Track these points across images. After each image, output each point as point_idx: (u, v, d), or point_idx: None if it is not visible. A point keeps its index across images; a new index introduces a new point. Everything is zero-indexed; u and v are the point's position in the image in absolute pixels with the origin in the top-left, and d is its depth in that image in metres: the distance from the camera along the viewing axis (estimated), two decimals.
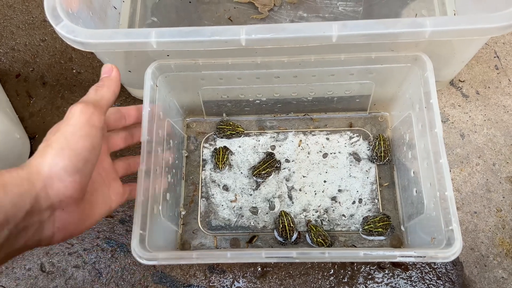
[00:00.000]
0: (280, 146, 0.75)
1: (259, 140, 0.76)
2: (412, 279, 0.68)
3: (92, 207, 0.45)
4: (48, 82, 0.82)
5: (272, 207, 0.72)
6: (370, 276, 0.68)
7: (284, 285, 0.68)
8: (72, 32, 0.54)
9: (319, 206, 0.71)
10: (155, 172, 0.58)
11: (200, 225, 0.71)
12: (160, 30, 0.53)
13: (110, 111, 0.52)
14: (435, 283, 0.67)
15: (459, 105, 0.78)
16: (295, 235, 0.68)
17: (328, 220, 0.70)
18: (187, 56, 0.60)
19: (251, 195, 0.72)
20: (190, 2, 0.81)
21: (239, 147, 0.75)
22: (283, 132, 0.76)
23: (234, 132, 0.74)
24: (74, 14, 0.59)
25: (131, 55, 0.62)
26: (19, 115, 0.80)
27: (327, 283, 0.68)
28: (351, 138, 0.75)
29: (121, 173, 0.55)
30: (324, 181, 0.73)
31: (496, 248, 0.70)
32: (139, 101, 0.77)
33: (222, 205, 0.72)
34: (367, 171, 0.73)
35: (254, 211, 0.71)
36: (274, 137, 0.76)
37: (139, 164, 0.55)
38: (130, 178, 0.75)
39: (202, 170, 0.74)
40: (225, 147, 0.74)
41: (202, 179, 0.74)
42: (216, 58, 0.60)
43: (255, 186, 0.73)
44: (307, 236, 0.69)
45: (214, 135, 0.76)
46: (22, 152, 0.74)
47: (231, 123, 0.75)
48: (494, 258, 0.69)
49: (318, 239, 0.67)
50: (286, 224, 0.67)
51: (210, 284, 0.69)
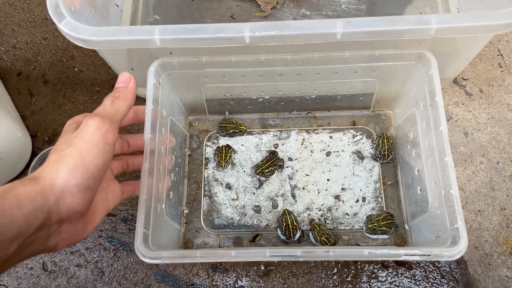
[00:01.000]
0: (283, 145, 0.75)
1: (262, 139, 0.75)
2: (416, 278, 0.67)
3: (94, 213, 0.45)
4: (49, 81, 0.82)
5: (275, 206, 0.71)
6: (374, 275, 0.68)
7: (287, 284, 0.68)
8: (75, 29, 0.53)
9: (322, 205, 0.71)
10: (158, 171, 0.57)
11: (203, 223, 0.71)
12: (163, 28, 0.53)
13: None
14: (439, 282, 0.67)
15: (462, 103, 0.78)
16: (298, 234, 0.68)
17: (331, 218, 0.70)
18: (190, 54, 0.60)
19: (254, 193, 0.72)
20: (192, 0, 0.81)
21: (242, 145, 0.75)
22: (286, 130, 0.76)
23: (237, 131, 0.74)
24: (76, 12, 0.59)
25: (134, 52, 0.62)
26: (20, 113, 0.79)
27: (331, 282, 0.68)
28: (354, 136, 0.75)
29: (116, 172, 0.55)
30: (328, 179, 0.72)
31: (500, 247, 0.69)
32: (142, 99, 0.77)
33: (225, 203, 0.72)
34: (370, 169, 0.73)
35: (257, 209, 0.71)
36: (277, 135, 0.75)
37: (135, 163, 0.56)
38: (126, 178, 0.75)
39: (205, 168, 0.74)
40: (227, 145, 0.74)
41: (205, 177, 0.73)
42: (219, 56, 0.60)
43: (258, 185, 0.72)
44: (310, 234, 0.69)
45: (217, 133, 0.76)
46: (23, 150, 0.74)
47: (233, 121, 0.75)
48: (498, 256, 0.69)
49: (322, 238, 0.66)
50: (290, 223, 0.67)
51: (213, 283, 0.68)
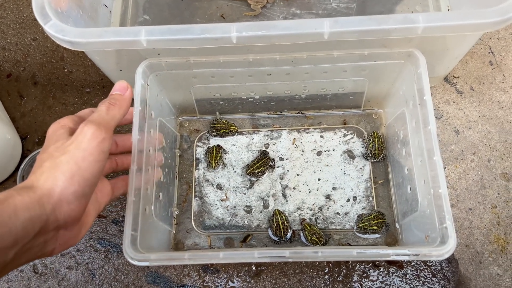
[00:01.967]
0: (274, 144, 0.75)
1: (252, 139, 0.75)
2: (407, 276, 0.67)
3: (86, 216, 0.46)
4: (39, 82, 0.82)
5: (266, 206, 0.71)
6: (365, 274, 0.68)
7: (278, 284, 0.68)
8: (61, 31, 0.53)
9: (313, 204, 0.71)
10: (147, 172, 0.57)
11: (193, 224, 0.71)
12: (150, 28, 0.53)
13: None
14: (430, 281, 0.67)
15: (453, 101, 0.78)
16: (289, 234, 0.68)
17: (322, 218, 0.70)
18: (178, 54, 0.59)
19: (245, 193, 0.72)
20: (182, 0, 0.81)
21: (233, 145, 0.75)
22: (276, 130, 0.75)
23: (228, 131, 0.74)
24: (63, 13, 0.58)
25: (122, 53, 0.62)
26: (10, 115, 0.79)
27: (322, 282, 0.68)
28: (345, 135, 0.75)
29: (106, 172, 0.54)
30: (318, 179, 0.72)
31: (491, 245, 0.69)
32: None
33: (216, 204, 0.71)
34: (361, 168, 0.72)
35: (248, 210, 0.71)
36: (268, 135, 0.75)
37: (125, 163, 0.55)
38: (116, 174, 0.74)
39: (196, 169, 0.74)
40: (218, 145, 0.74)
41: (195, 178, 0.73)
42: (207, 56, 0.59)
43: (249, 185, 0.72)
44: (301, 234, 0.69)
45: (207, 133, 0.76)
46: (13, 152, 0.74)
47: (224, 122, 0.74)
48: (489, 255, 0.69)
49: (313, 238, 0.66)
50: (280, 223, 0.67)
51: (204, 284, 0.68)
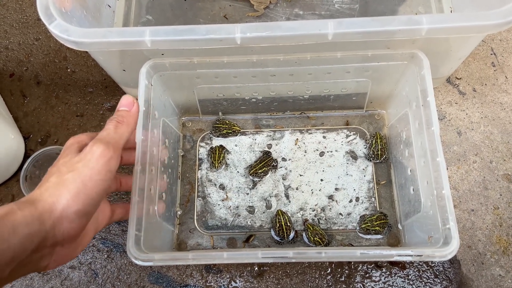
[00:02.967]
0: (276, 145, 0.75)
1: (255, 139, 0.75)
2: (410, 277, 0.68)
3: (84, 235, 0.46)
4: (42, 82, 0.82)
5: (269, 206, 0.71)
6: (367, 275, 0.68)
7: (281, 284, 0.68)
8: (66, 31, 0.53)
9: (316, 205, 0.71)
10: (151, 173, 0.57)
11: (196, 224, 0.71)
12: (154, 29, 0.53)
13: None
14: (432, 281, 0.67)
15: (456, 102, 0.78)
16: (292, 234, 0.68)
17: (325, 218, 0.70)
18: (182, 55, 0.60)
19: (247, 194, 0.72)
20: (185, 0, 0.81)
21: (236, 146, 0.75)
22: (279, 130, 0.76)
23: (230, 131, 0.74)
24: (67, 13, 0.58)
25: (126, 54, 0.62)
26: (13, 115, 0.79)
27: (324, 282, 0.68)
28: (348, 136, 0.75)
29: (110, 191, 0.54)
30: (321, 179, 0.72)
31: (493, 246, 0.70)
32: None
33: (219, 204, 0.72)
34: (364, 169, 0.73)
35: (251, 210, 0.71)
36: (271, 135, 0.75)
37: (128, 183, 0.56)
38: (119, 197, 0.74)
39: (198, 169, 0.74)
40: (221, 146, 0.74)
41: (198, 178, 0.73)
42: (211, 57, 0.60)
43: (251, 185, 0.72)
44: (304, 235, 0.69)
45: (210, 134, 0.76)
46: (16, 152, 0.74)
47: (227, 122, 0.74)
48: (491, 256, 0.69)
49: (315, 238, 0.66)
50: (283, 223, 0.67)
51: (207, 284, 0.68)
